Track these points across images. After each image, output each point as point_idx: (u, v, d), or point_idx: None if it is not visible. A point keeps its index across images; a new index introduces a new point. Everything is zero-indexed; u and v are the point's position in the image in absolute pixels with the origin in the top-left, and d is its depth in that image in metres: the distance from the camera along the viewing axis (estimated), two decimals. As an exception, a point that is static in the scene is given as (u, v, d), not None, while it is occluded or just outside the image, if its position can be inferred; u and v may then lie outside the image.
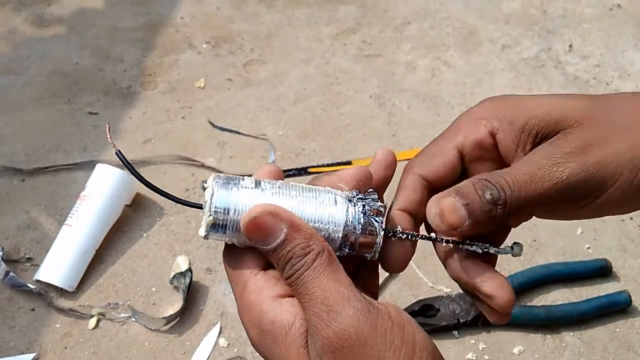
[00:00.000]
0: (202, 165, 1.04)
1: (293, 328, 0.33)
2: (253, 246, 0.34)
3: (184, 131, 1.11)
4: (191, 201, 0.38)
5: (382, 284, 0.89)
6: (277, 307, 0.33)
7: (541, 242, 0.95)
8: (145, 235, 0.94)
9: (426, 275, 0.91)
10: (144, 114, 1.14)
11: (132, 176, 0.36)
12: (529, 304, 0.88)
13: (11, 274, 0.87)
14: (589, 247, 0.95)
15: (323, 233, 0.35)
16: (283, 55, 1.28)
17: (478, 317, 0.84)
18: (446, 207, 0.35)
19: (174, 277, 0.87)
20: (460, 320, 0.83)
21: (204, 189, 0.35)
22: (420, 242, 0.39)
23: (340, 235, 0.35)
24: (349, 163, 1.06)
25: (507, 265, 0.92)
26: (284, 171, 1.04)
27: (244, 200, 0.34)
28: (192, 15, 1.37)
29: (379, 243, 0.36)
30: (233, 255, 0.36)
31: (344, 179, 0.37)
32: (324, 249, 0.33)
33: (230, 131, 1.11)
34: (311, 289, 0.32)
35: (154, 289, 0.88)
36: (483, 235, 0.38)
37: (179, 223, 0.96)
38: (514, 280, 0.88)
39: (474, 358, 0.82)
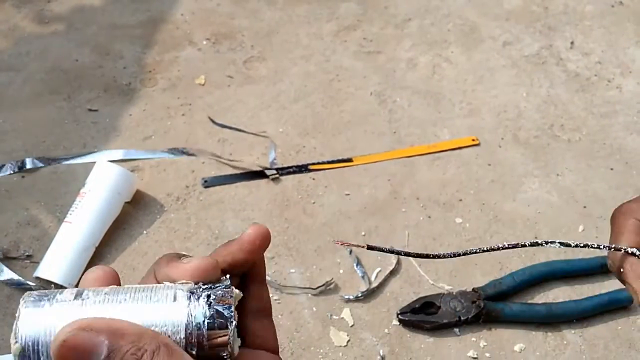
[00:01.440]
0: (202, 163, 1.04)
1: None
2: None
3: (184, 128, 1.11)
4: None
5: (382, 281, 0.89)
6: None
7: (543, 239, 0.95)
8: (145, 232, 0.94)
9: (427, 273, 0.90)
10: (144, 110, 1.14)
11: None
12: (530, 301, 0.87)
13: (10, 274, 0.86)
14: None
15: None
16: (283, 52, 1.27)
17: (479, 314, 0.83)
18: None
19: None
20: (461, 318, 0.83)
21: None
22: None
23: (182, 336, 0.30)
24: (349, 160, 1.06)
25: (509, 263, 0.92)
26: (284, 168, 1.03)
27: (59, 317, 0.28)
28: (192, 11, 1.36)
29: (233, 337, 0.30)
30: None
31: (185, 274, 0.31)
32: (159, 344, 0.28)
33: (231, 128, 1.10)
34: None
35: (154, 286, 0.88)
36: None
37: (179, 220, 0.96)
38: (515, 277, 0.87)
39: (475, 356, 0.82)
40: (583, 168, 1.06)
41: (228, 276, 0.31)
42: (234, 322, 0.29)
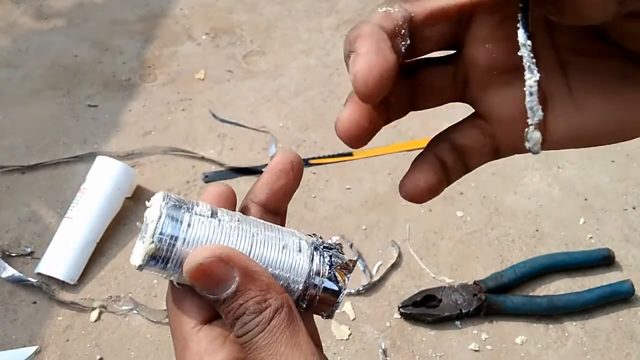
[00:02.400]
0: (202, 158, 1.04)
1: None
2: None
3: (184, 123, 1.11)
4: None
5: (384, 274, 0.89)
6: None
7: (544, 232, 0.95)
8: (146, 227, 0.94)
9: (428, 266, 0.90)
10: (144, 106, 1.14)
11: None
12: (531, 294, 0.87)
13: (11, 270, 0.87)
14: (591, 237, 0.95)
15: (282, 282, 0.29)
16: (283, 46, 1.27)
17: (480, 307, 0.83)
18: None
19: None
20: (463, 311, 0.83)
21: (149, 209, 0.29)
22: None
23: (300, 288, 0.30)
24: (350, 154, 1.06)
25: (510, 256, 0.92)
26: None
27: (197, 231, 0.28)
28: (191, 6, 1.36)
29: (340, 302, 0.30)
30: (177, 298, 0.30)
31: (266, 173, 0.31)
32: (284, 304, 0.28)
33: (231, 123, 1.10)
34: (265, 357, 0.27)
35: (155, 281, 0.88)
36: None
37: (180, 215, 0.96)
38: (516, 270, 0.87)
39: (477, 348, 0.82)
40: (584, 160, 1.06)
41: (338, 240, 0.32)
42: (345, 291, 0.30)
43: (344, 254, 0.31)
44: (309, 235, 0.31)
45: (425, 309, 0.84)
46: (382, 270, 0.89)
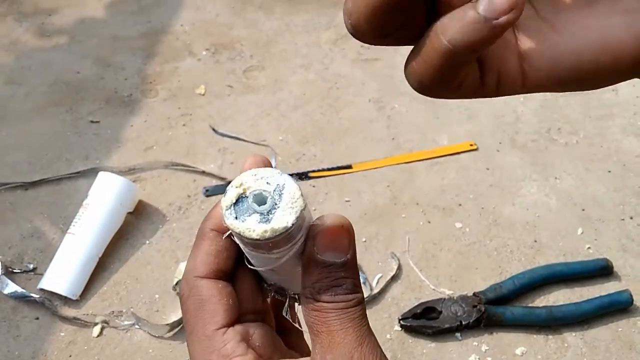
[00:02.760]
0: (203, 172, 1.05)
1: None
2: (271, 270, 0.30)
3: (185, 138, 1.12)
4: None
5: (384, 287, 0.89)
6: None
7: (542, 242, 0.96)
8: (147, 242, 0.95)
9: (428, 278, 0.91)
10: (145, 121, 1.15)
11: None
12: (530, 305, 0.88)
13: (14, 287, 0.87)
14: (589, 247, 0.95)
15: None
16: (282, 61, 1.29)
17: (480, 318, 0.84)
18: None
19: (177, 284, 0.87)
20: (463, 322, 0.84)
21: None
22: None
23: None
24: (349, 167, 1.07)
25: (509, 267, 0.93)
26: (285, 176, 1.04)
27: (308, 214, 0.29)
28: (191, 22, 1.38)
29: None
30: (197, 301, 0.30)
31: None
32: (363, 299, 0.29)
33: (231, 137, 1.11)
34: (335, 337, 0.27)
35: (157, 296, 0.88)
36: None
37: (181, 230, 0.97)
38: (515, 281, 0.88)
39: (477, 359, 0.82)
40: (581, 171, 1.07)
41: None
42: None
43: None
44: None
45: (425, 321, 0.84)
46: (382, 283, 0.90)
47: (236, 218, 0.26)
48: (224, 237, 0.31)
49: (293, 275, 0.30)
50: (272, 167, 0.30)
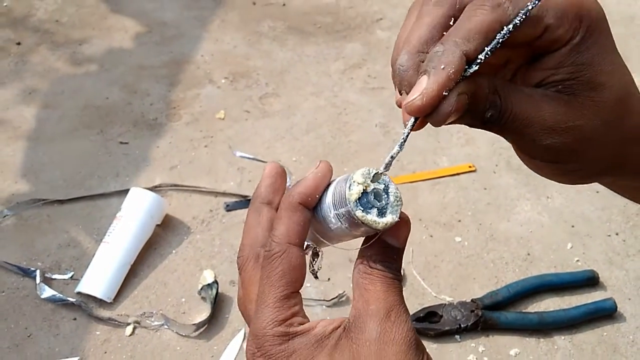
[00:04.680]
0: (224, 193, 1.14)
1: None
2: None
3: (207, 158, 1.22)
4: None
5: (390, 294, 0.98)
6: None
7: (534, 255, 1.05)
8: (174, 251, 1.04)
9: (430, 286, 1.00)
10: (170, 143, 1.25)
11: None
12: (523, 310, 0.96)
13: (51, 291, 0.96)
14: (578, 260, 1.04)
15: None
16: (295, 89, 1.40)
17: (477, 322, 0.92)
18: (458, 105, 0.34)
19: (201, 289, 0.96)
20: (462, 325, 0.92)
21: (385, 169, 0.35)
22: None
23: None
24: (357, 186, 1.16)
25: (504, 277, 1.01)
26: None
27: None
28: (211, 53, 1.49)
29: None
30: (287, 265, 0.35)
31: (265, 179, 0.39)
32: (401, 285, 0.35)
33: (249, 158, 1.21)
34: (380, 294, 0.33)
35: (183, 299, 0.97)
36: None
37: (205, 241, 1.06)
38: (510, 289, 0.96)
39: (475, 359, 0.90)
40: (571, 191, 1.16)
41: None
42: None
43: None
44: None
45: (427, 324, 0.93)
46: (388, 290, 0.99)
47: (362, 210, 0.33)
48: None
49: (339, 243, 0.38)
50: (285, 174, 0.39)
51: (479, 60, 0.33)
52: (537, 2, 0.32)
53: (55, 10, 1.62)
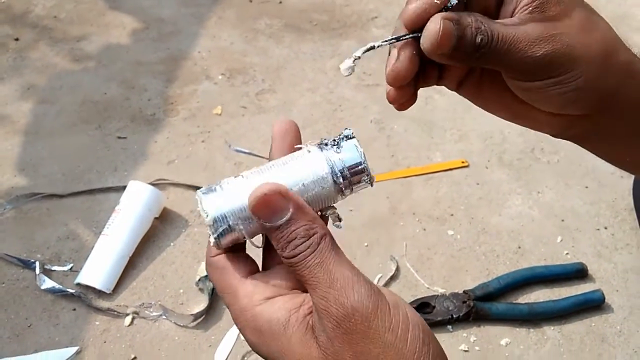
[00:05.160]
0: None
1: (290, 322, 0.34)
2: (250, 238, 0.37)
3: (204, 153, 1.23)
4: None
5: (383, 285, 1.00)
6: (269, 307, 0.35)
7: (525, 248, 1.07)
8: (172, 244, 1.06)
9: (423, 278, 1.02)
10: (168, 138, 1.27)
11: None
12: (514, 301, 0.99)
13: (51, 282, 0.97)
14: (567, 253, 1.07)
15: (312, 192, 0.36)
16: (291, 85, 1.41)
17: (469, 313, 0.94)
18: (445, 29, 0.38)
19: (199, 280, 0.98)
20: (454, 316, 0.94)
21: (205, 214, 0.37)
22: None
23: (329, 185, 0.36)
24: (352, 180, 1.18)
25: (495, 269, 1.04)
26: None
27: (233, 195, 0.35)
28: (208, 49, 1.51)
29: (365, 164, 0.37)
30: (217, 267, 0.38)
31: (275, 140, 0.41)
32: (327, 232, 0.35)
33: (245, 153, 1.23)
34: (317, 273, 0.33)
35: (181, 290, 0.99)
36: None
37: (202, 233, 1.08)
38: (501, 281, 0.99)
39: (466, 349, 0.93)
40: (561, 186, 1.19)
41: (348, 130, 0.39)
42: (366, 161, 0.37)
43: (351, 135, 0.38)
44: (314, 142, 0.39)
45: (420, 315, 0.94)
46: (382, 282, 1.01)
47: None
48: None
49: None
50: (297, 130, 0.40)
51: None
52: None
53: (53, 7, 1.63)
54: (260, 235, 0.38)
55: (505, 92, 0.44)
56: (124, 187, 1.08)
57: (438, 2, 0.39)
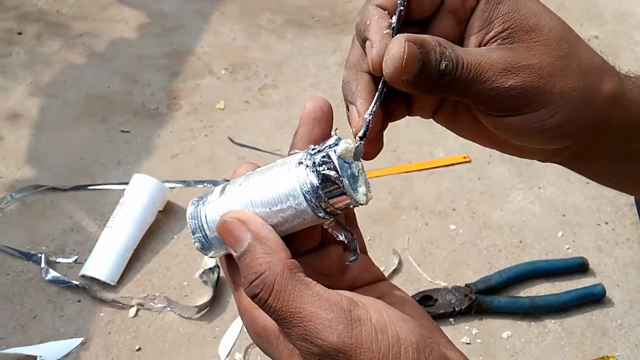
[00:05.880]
0: (225, 180, 1.17)
1: (280, 337, 0.34)
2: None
3: (207, 147, 1.24)
4: None
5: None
6: (264, 314, 0.33)
7: (527, 243, 1.08)
8: (176, 237, 1.06)
9: (425, 272, 1.03)
10: (171, 132, 1.27)
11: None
12: (515, 295, 1.00)
13: (55, 274, 0.98)
14: (568, 248, 1.07)
15: (289, 212, 0.33)
16: (294, 80, 1.42)
17: (471, 306, 0.95)
18: (409, 54, 0.34)
19: (203, 273, 0.99)
20: (456, 309, 0.95)
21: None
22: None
23: (305, 206, 0.33)
24: (355, 175, 1.19)
25: (497, 263, 1.04)
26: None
27: (211, 213, 0.35)
28: (211, 45, 1.51)
29: (351, 190, 0.33)
30: (230, 262, 0.38)
31: (302, 125, 0.37)
32: (284, 267, 0.32)
33: (248, 147, 1.24)
34: (284, 316, 0.31)
35: (185, 283, 1.00)
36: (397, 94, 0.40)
37: (206, 227, 1.08)
38: (503, 274, 1.00)
39: (468, 342, 0.94)
40: (562, 182, 1.20)
41: (335, 131, 0.35)
42: (344, 179, 0.32)
43: (333, 145, 0.33)
44: (297, 153, 0.35)
45: (423, 308, 0.95)
46: (385, 273, 1.01)
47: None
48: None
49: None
50: (331, 113, 0.37)
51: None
52: None
53: (56, 1, 1.63)
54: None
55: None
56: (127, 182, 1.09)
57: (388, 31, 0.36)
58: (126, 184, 1.08)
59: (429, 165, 1.22)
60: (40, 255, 1.01)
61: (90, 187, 1.14)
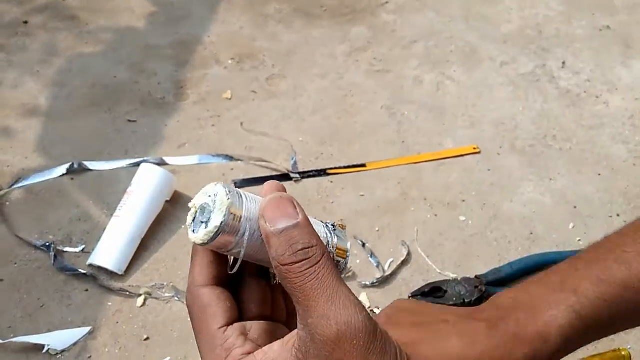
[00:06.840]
0: (232, 170, 1.16)
1: None
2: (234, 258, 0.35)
3: (214, 137, 1.23)
4: None
5: (395, 270, 1.00)
6: None
7: (537, 235, 1.07)
8: (183, 227, 1.06)
9: (435, 264, 1.02)
10: (178, 121, 1.26)
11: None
12: (526, 287, 0.98)
13: (63, 263, 0.98)
14: (580, 240, 1.06)
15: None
16: (301, 70, 1.41)
17: (481, 297, 0.94)
18: None
19: (211, 263, 0.98)
20: (465, 300, 0.94)
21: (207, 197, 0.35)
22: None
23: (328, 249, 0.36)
24: (363, 165, 1.18)
25: (507, 255, 1.03)
26: (306, 172, 1.16)
27: (250, 205, 0.33)
28: (218, 34, 1.50)
29: (348, 256, 0.38)
30: (200, 304, 0.35)
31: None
32: (327, 251, 0.32)
33: (257, 133, 1.23)
34: (318, 286, 0.31)
35: (193, 273, 0.99)
36: None
37: (213, 217, 1.07)
38: (513, 266, 0.99)
39: (478, 333, 0.93)
40: (573, 173, 1.18)
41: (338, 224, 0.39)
42: (348, 243, 0.38)
43: (341, 228, 0.38)
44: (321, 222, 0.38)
45: (432, 299, 0.95)
46: (393, 266, 1.01)
47: (193, 231, 0.33)
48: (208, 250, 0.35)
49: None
50: (286, 191, 0.35)
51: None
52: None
53: (62, -10, 1.62)
54: (239, 263, 0.35)
55: None
56: (136, 169, 1.08)
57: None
58: (136, 165, 1.08)
59: (438, 156, 1.20)
60: (48, 244, 1.00)
61: (95, 169, 1.14)
